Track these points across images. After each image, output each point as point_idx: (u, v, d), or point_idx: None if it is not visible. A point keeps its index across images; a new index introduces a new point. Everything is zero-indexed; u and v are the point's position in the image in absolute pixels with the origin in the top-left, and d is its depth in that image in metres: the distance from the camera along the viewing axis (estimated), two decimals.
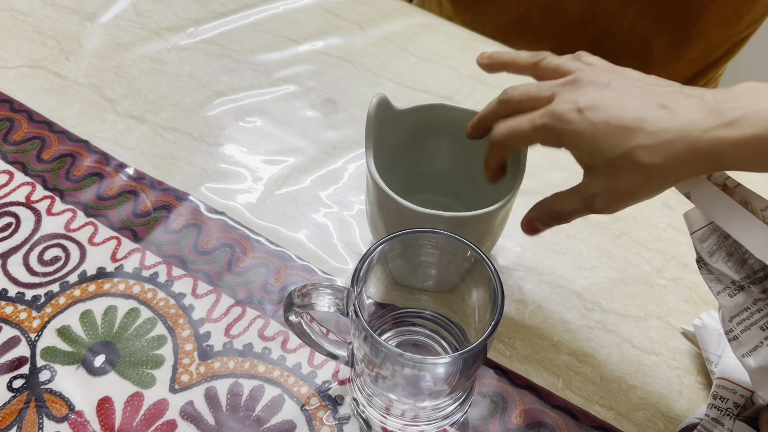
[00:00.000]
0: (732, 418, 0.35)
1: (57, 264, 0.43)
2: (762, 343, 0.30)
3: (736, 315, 0.31)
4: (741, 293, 0.31)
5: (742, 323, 0.31)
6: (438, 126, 0.42)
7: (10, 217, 0.46)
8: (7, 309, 0.41)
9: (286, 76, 0.58)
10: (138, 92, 0.55)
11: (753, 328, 0.30)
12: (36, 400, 0.38)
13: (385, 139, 0.41)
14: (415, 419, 0.37)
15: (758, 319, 0.30)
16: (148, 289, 0.43)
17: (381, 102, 0.39)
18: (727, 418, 0.35)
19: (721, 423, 0.35)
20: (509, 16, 0.69)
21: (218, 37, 0.60)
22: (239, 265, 0.44)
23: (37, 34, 0.59)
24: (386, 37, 0.62)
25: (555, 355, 0.42)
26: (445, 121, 0.42)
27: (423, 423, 0.37)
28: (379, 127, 0.39)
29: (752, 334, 0.30)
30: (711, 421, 0.36)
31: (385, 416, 0.37)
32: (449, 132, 0.42)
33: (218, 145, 0.52)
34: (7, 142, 0.50)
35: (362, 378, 0.37)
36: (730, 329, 0.31)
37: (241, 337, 0.41)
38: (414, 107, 0.41)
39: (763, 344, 0.30)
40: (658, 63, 0.67)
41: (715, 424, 0.35)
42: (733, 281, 0.31)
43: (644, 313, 0.44)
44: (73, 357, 0.39)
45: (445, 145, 0.44)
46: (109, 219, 0.46)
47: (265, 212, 0.48)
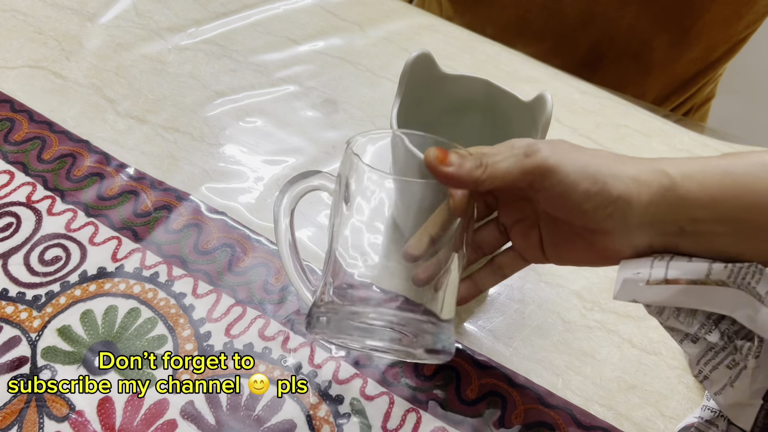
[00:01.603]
0: (725, 419, 0.35)
1: (57, 264, 0.43)
2: (728, 382, 0.30)
3: (702, 357, 0.31)
4: (700, 341, 0.31)
5: (709, 363, 0.31)
6: (477, 101, 0.43)
7: (11, 217, 0.46)
8: (7, 309, 0.41)
9: (287, 76, 0.58)
10: (138, 92, 0.55)
11: (720, 367, 0.30)
12: (36, 400, 0.38)
13: (424, 98, 0.40)
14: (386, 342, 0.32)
15: (723, 358, 0.30)
16: (149, 288, 0.43)
17: (421, 58, 0.38)
18: (720, 419, 0.35)
19: (715, 424, 0.35)
20: (509, 17, 0.69)
21: (218, 37, 0.60)
22: (239, 265, 0.44)
23: (38, 34, 0.59)
24: (386, 37, 0.62)
25: (555, 355, 0.42)
26: (485, 98, 0.42)
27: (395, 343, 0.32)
28: (418, 86, 0.39)
29: (721, 373, 0.30)
30: (704, 423, 0.35)
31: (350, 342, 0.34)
32: (486, 109, 0.43)
33: (219, 145, 0.52)
34: (8, 142, 0.50)
35: (326, 305, 0.33)
36: (699, 371, 0.31)
37: (241, 336, 0.41)
38: (460, 75, 0.41)
39: (728, 383, 0.30)
40: (657, 63, 0.67)
41: (708, 426, 0.35)
42: (687, 334, 0.31)
43: (644, 313, 0.44)
44: (74, 357, 0.39)
45: (477, 120, 0.44)
46: (109, 219, 0.46)
47: (266, 212, 0.48)
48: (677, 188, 0.29)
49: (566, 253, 0.34)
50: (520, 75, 0.61)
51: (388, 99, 0.56)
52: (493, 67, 0.61)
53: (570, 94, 0.59)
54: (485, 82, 0.42)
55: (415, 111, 0.41)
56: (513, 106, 0.41)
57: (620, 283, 0.31)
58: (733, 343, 0.29)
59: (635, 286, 0.30)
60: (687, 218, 0.29)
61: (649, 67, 0.68)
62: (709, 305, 0.29)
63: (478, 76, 0.42)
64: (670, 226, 0.29)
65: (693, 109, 0.75)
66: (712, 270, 0.28)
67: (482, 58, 0.62)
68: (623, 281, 0.30)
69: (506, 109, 0.42)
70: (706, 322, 0.30)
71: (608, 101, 0.59)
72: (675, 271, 0.29)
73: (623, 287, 0.30)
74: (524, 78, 0.60)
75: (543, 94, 0.39)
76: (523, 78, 0.60)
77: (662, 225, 0.29)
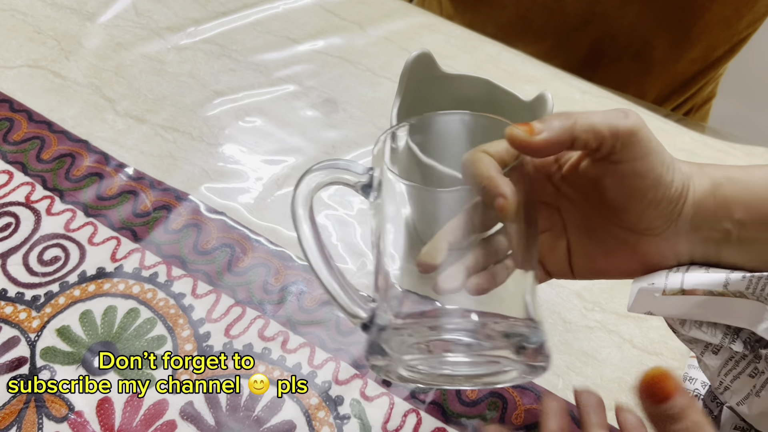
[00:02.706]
0: (700, 398, 0.34)
1: (57, 264, 0.43)
2: (752, 392, 0.29)
3: (722, 367, 0.30)
4: (723, 349, 0.30)
5: (730, 373, 0.30)
6: (478, 100, 0.42)
7: (10, 217, 0.45)
8: (6, 309, 0.41)
9: (286, 75, 0.58)
10: (138, 92, 0.55)
11: (742, 376, 0.29)
12: (36, 401, 0.37)
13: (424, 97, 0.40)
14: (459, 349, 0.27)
15: (744, 366, 0.29)
16: (148, 289, 0.42)
17: (421, 57, 0.37)
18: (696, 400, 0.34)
19: None
20: (509, 16, 0.69)
21: (218, 36, 0.60)
22: (239, 265, 0.44)
23: (37, 33, 0.58)
24: (386, 36, 0.62)
25: (556, 355, 0.42)
26: (486, 97, 0.42)
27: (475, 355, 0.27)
28: (418, 85, 0.38)
29: (743, 382, 0.29)
30: None
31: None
32: (486, 108, 0.42)
33: (218, 145, 0.52)
34: (7, 141, 0.50)
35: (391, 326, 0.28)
36: (720, 382, 0.30)
37: (241, 337, 0.41)
38: (460, 74, 0.41)
39: (752, 393, 0.29)
40: (658, 63, 0.67)
41: None
42: (708, 345, 0.30)
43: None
44: (73, 357, 0.39)
45: None
46: (108, 219, 0.46)
47: (265, 212, 0.48)
48: (723, 188, 0.28)
49: (601, 262, 0.31)
50: (520, 74, 0.60)
51: (388, 99, 0.56)
52: (494, 66, 0.61)
53: (571, 94, 0.59)
54: (486, 82, 0.42)
55: (415, 110, 0.41)
56: (513, 105, 0.41)
57: (635, 293, 0.29)
58: (755, 352, 0.29)
59: (651, 297, 0.29)
60: (732, 220, 0.28)
61: (649, 67, 0.68)
62: (727, 318, 0.28)
63: (479, 76, 0.41)
64: (715, 231, 0.28)
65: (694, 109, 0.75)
66: (729, 280, 0.27)
67: (482, 58, 0.61)
68: (638, 291, 0.29)
69: (507, 109, 0.42)
70: (728, 331, 0.29)
71: (609, 101, 0.59)
72: (691, 281, 0.28)
73: (638, 298, 0.29)
74: (525, 77, 0.60)
75: (543, 93, 0.39)
76: (523, 77, 0.60)
77: (708, 229, 0.28)
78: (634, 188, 0.28)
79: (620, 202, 0.29)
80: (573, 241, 0.32)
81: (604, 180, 0.29)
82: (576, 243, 0.32)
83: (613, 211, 0.30)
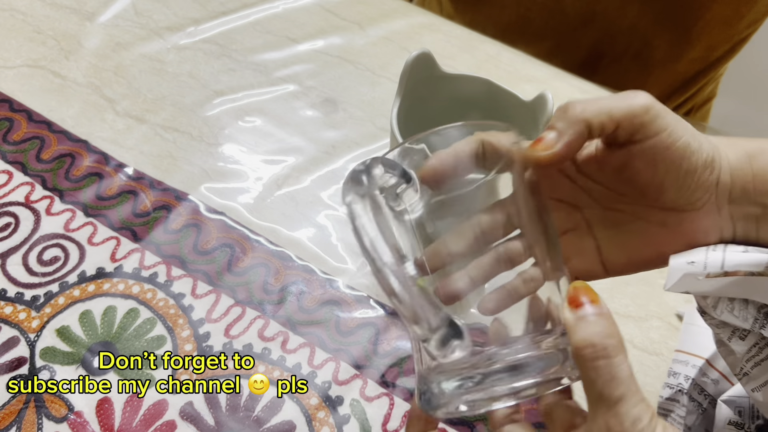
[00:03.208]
0: (684, 393, 0.34)
1: (56, 264, 0.43)
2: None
3: (747, 353, 0.30)
4: (751, 335, 0.30)
5: (752, 360, 0.29)
6: (478, 100, 0.42)
7: (10, 217, 0.45)
8: (6, 309, 0.41)
9: (286, 75, 0.57)
10: (137, 92, 0.55)
11: (764, 363, 0.29)
12: (35, 401, 0.37)
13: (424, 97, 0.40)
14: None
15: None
16: (148, 289, 0.42)
17: (421, 57, 0.37)
18: (680, 394, 0.34)
19: (676, 400, 0.34)
20: (509, 16, 0.69)
21: (218, 36, 0.60)
22: (239, 265, 0.44)
23: (37, 33, 0.58)
24: (386, 36, 0.62)
25: None
26: (486, 97, 0.41)
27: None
28: (418, 85, 0.38)
29: (762, 369, 0.29)
30: (666, 401, 0.34)
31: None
32: (487, 108, 0.42)
33: (218, 145, 0.52)
34: (7, 141, 0.50)
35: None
36: (740, 368, 0.30)
37: (240, 337, 0.41)
38: (460, 74, 0.41)
39: None
40: (658, 63, 0.67)
41: (671, 403, 0.34)
42: (735, 330, 0.30)
43: (645, 314, 0.44)
44: (73, 357, 0.39)
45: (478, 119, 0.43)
46: (108, 219, 0.46)
47: (265, 212, 0.48)
48: (758, 159, 0.27)
49: (640, 253, 0.29)
50: (520, 74, 0.60)
51: (388, 98, 0.56)
52: (494, 66, 0.61)
53: (571, 94, 0.59)
54: (486, 82, 0.42)
55: (415, 111, 0.41)
56: (514, 105, 0.41)
57: (678, 275, 0.28)
58: None
59: (693, 279, 0.27)
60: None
61: (650, 67, 0.68)
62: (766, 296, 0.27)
63: (479, 76, 0.41)
64: (755, 205, 0.28)
65: (694, 109, 0.75)
66: None
67: (483, 58, 0.61)
68: (683, 276, 0.28)
69: (507, 109, 0.42)
70: (758, 315, 0.29)
71: None
72: (733, 261, 0.27)
73: (680, 280, 0.28)
74: (525, 77, 0.60)
75: (544, 93, 0.39)
76: (523, 77, 0.60)
77: (747, 203, 0.28)
78: (669, 161, 0.27)
79: (657, 181, 0.28)
80: (601, 237, 0.30)
81: (632, 164, 0.28)
82: (605, 238, 0.30)
83: (649, 194, 0.28)
